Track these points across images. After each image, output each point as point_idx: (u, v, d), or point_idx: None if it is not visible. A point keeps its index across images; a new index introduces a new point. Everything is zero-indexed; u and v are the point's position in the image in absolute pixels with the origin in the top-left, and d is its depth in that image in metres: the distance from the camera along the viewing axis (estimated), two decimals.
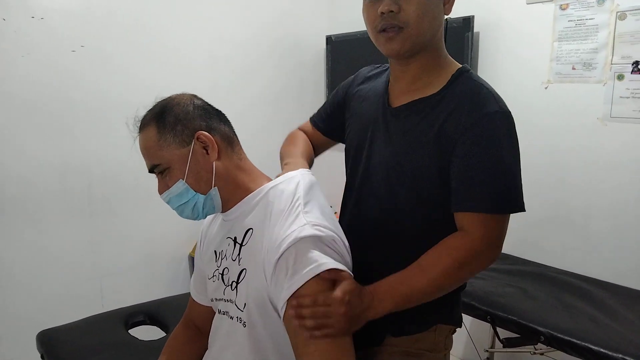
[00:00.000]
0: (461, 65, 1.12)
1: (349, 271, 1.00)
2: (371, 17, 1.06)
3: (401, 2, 1.02)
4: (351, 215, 1.22)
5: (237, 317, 1.05)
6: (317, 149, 1.39)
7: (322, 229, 0.98)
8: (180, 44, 2.68)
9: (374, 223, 1.15)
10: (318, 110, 1.41)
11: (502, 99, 1.04)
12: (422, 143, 1.05)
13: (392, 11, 1.02)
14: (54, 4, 2.27)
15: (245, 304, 1.03)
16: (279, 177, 1.11)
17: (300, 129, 1.42)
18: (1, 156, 2.21)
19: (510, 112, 1.02)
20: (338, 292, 0.94)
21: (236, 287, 1.06)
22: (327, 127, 1.37)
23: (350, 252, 1.06)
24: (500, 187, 0.99)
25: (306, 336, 0.93)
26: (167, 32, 2.62)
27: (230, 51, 2.89)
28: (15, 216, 2.27)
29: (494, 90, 1.05)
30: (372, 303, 0.99)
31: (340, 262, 0.98)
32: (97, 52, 2.41)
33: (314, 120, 1.40)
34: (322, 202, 1.08)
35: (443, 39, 1.12)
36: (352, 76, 1.34)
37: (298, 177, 1.09)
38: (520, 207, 1.01)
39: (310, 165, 1.29)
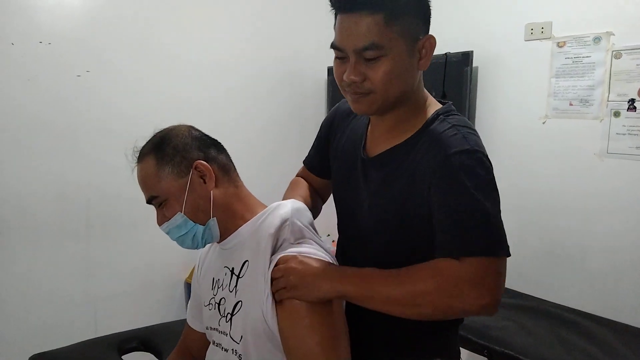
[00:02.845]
0: (440, 106, 1.06)
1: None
2: (338, 75, 1.00)
3: (366, 70, 0.95)
4: (345, 256, 1.20)
5: (232, 350, 1.05)
6: (322, 192, 1.35)
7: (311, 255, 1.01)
8: (182, 73, 2.71)
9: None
10: (309, 152, 1.36)
11: (474, 138, 0.97)
12: (399, 192, 1.01)
13: (355, 82, 0.96)
14: (62, 30, 2.31)
15: (242, 337, 1.03)
16: (268, 207, 1.12)
17: (299, 175, 1.39)
18: (2, 177, 2.22)
19: (480, 150, 0.95)
20: (294, 252, 1.00)
21: (231, 319, 1.06)
22: (320, 170, 1.33)
23: None
24: (476, 231, 0.90)
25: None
26: (171, 60, 2.66)
27: (233, 77, 2.92)
28: (11, 237, 2.27)
29: (469, 131, 0.98)
30: (334, 275, 0.97)
31: None
32: (102, 78, 2.44)
33: (307, 163, 1.36)
34: (312, 231, 1.10)
35: (422, 85, 1.06)
36: (333, 110, 1.29)
37: (287, 205, 1.10)
38: (503, 251, 0.91)
39: (315, 209, 1.28)
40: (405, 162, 1.01)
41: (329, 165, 1.28)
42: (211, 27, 2.81)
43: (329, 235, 2.65)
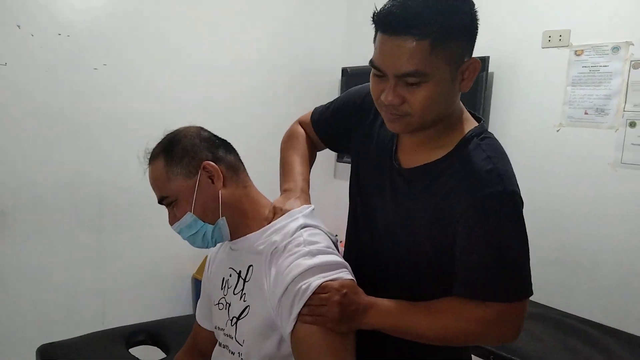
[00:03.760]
0: (475, 125, 1.04)
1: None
2: (375, 93, 0.98)
3: (406, 93, 0.92)
4: (355, 261, 1.17)
5: (238, 353, 1.07)
6: (319, 146, 1.36)
7: (324, 256, 1.00)
8: (198, 69, 2.72)
9: (376, 275, 1.12)
10: (320, 111, 1.31)
11: (509, 176, 0.96)
12: (424, 213, 1.00)
13: (394, 105, 0.94)
14: (80, 22, 2.33)
15: (244, 340, 1.05)
16: (281, 218, 1.10)
17: (301, 122, 1.36)
18: (15, 166, 2.25)
19: (516, 190, 0.95)
20: (336, 283, 0.96)
21: (236, 322, 1.07)
22: (327, 138, 1.31)
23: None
24: (504, 277, 0.94)
25: (299, 320, 0.96)
26: (187, 57, 2.67)
27: (247, 74, 2.93)
28: (23, 227, 2.29)
29: (503, 165, 0.97)
30: (369, 311, 0.98)
31: None
32: (118, 72, 2.46)
33: (315, 124, 1.32)
34: (324, 236, 1.08)
35: (458, 99, 1.03)
36: (365, 93, 1.19)
37: (298, 216, 1.09)
38: (528, 294, 0.96)
39: (312, 163, 1.31)
40: (437, 183, 0.99)
41: (343, 143, 1.26)
42: (226, 27, 2.82)
43: (336, 235, 2.64)
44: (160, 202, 1.10)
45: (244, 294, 1.07)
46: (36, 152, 2.29)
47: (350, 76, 3.20)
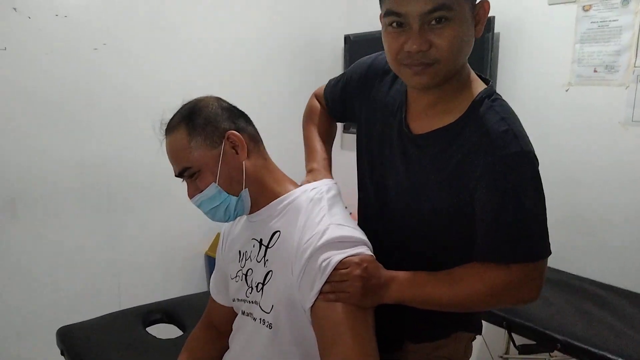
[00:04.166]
0: (484, 87, 1.02)
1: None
2: (393, 49, 0.95)
3: (432, 37, 0.90)
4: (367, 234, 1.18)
5: (261, 319, 1.06)
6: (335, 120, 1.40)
7: (345, 227, 1.01)
8: (199, 45, 2.70)
9: (389, 246, 1.12)
10: (333, 89, 1.32)
11: (524, 136, 0.95)
12: (439, 178, 1.00)
13: (422, 51, 0.91)
14: (78, 3, 2.30)
15: (272, 306, 1.04)
16: (306, 185, 1.12)
17: (317, 95, 1.39)
18: (22, 153, 2.25)
19: (532, 150, 0.94)
20: (356, 257, 0.97)
21: (262, 288, 1.07)
22: (341, 116, 1.34)
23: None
24: (527, 237, 0.94)
25: (321, 298, 0.96)
26: (187, 33, 2.64)
27: (249, 50, 2.90)
28: (34, 213, 2.31)
29: (517, 125, 0.96)
30: (390, 284, 0.99)
31: None
32: (118, 51, 2.43)
33: (328, 103, 1.34)
34: (345, 211, 1.10)
35: (467, 63, 1.03)
36: (367, 64, 1.22)
37: (324, 187, 1.11)
38: (548, 252, 0.97)
39: (333, 137, 1.35)
40: (451, 148, 0.99)
41: (345, 110, 1.28)
42: (225, 0, 2.77)
43: (346, 207, 2.64)
44: (179, 174, 1.08)
45: (266, 260, 1.07)
46: (40, 138, 2.29)
47: (353, 43, 3.15)
